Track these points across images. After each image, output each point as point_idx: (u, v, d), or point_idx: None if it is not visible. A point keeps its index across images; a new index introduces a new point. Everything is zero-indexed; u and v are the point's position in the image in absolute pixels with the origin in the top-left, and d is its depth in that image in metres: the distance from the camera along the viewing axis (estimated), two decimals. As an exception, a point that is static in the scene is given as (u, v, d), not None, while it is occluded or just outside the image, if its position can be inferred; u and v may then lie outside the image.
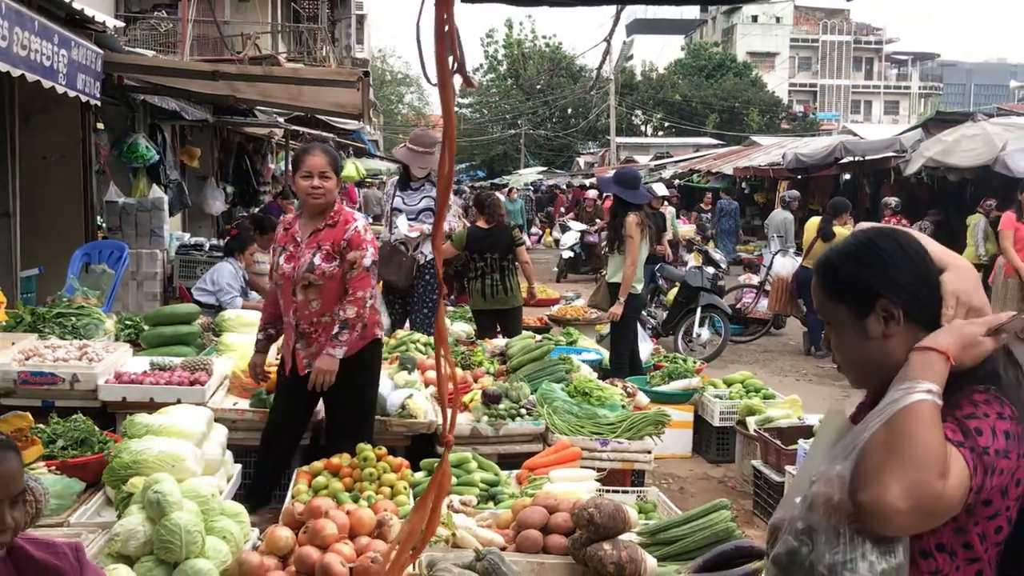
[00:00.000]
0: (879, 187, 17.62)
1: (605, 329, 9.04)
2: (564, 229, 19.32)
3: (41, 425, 4.14)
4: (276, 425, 4.73)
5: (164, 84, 9.24)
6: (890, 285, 1.79)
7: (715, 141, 37.99)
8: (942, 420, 1.63)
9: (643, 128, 51.30)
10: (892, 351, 1.79)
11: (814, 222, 11.09)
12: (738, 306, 12.15)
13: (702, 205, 22.13)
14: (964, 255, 14.70)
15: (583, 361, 6.88)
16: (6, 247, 7.73)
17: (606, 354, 7.80)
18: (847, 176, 19.48)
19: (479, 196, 8.64)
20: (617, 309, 7.57)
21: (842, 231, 10.47)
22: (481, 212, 7.97)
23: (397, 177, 7.87)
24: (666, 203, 16.02)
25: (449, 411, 1.56)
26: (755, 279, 12.92)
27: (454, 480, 4.39)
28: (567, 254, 18.47)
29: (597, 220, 18.91)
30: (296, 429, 4.80)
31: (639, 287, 7.82)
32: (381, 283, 7.69)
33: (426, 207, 7.40)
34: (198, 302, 7.50)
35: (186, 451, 3.73)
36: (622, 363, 7.57)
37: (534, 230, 26.12)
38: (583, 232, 18.62)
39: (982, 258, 13.10)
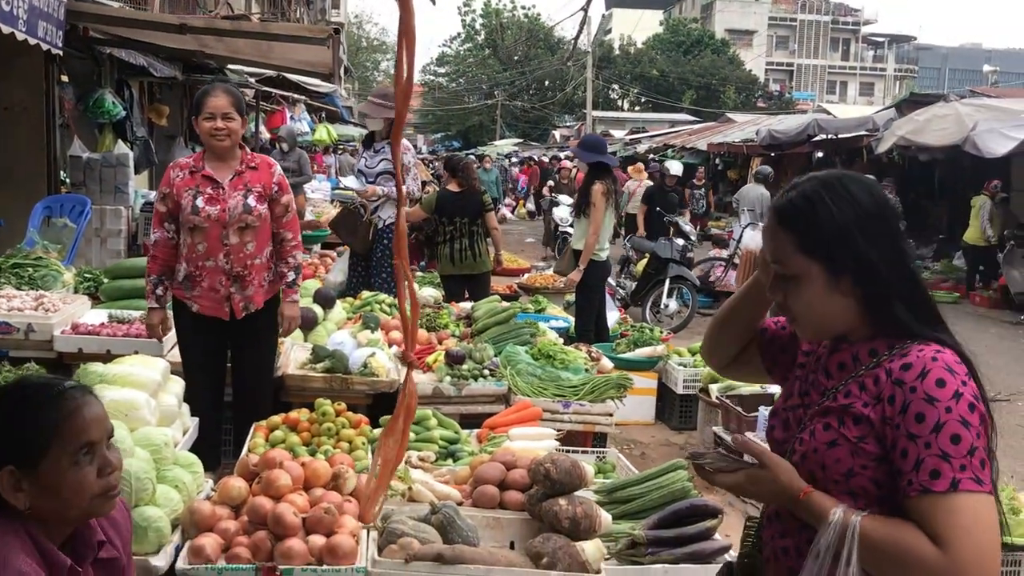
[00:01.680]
0: (851, 165, 17.70)
1: (572, 296, 9.05)
2: (553, 204, 18.04)
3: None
4: (205, 378, 4.61)
5: (130, 37, 9.04)
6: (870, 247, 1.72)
7: (691, 118, 38.00)
8: None
9: (620, 103, 51.21)
10: (852, 307, 1.75)
11: None
12: (710, 279, 12.20)
13: (695, 181, 21.66)
14: (967, 236, 14.76)
15: (550, 328, 6.87)
16: (-36, 197, 7.57)
17: (573, 321, 7.80)
18: (820, 154, 19.59)
19: (451, 159, 8.58)
20: (575, 276, 7.55)
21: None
22: (453, 176, 7.91)
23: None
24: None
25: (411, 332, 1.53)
26: (724, 253, 12.97)
27: (413, 436, 4.37)
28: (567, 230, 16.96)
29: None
30: (220, 376, 4.73)
31: (603, 255, 7.80)
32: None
33: (384, 169, 7.27)
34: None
35: (140, 400, 3.66)
36: (587, 330, 7.57)
37: (507, 201, 25.96)
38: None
39: (991, 239, 13.20)
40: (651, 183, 14.08)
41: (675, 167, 13.56)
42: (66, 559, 1.84)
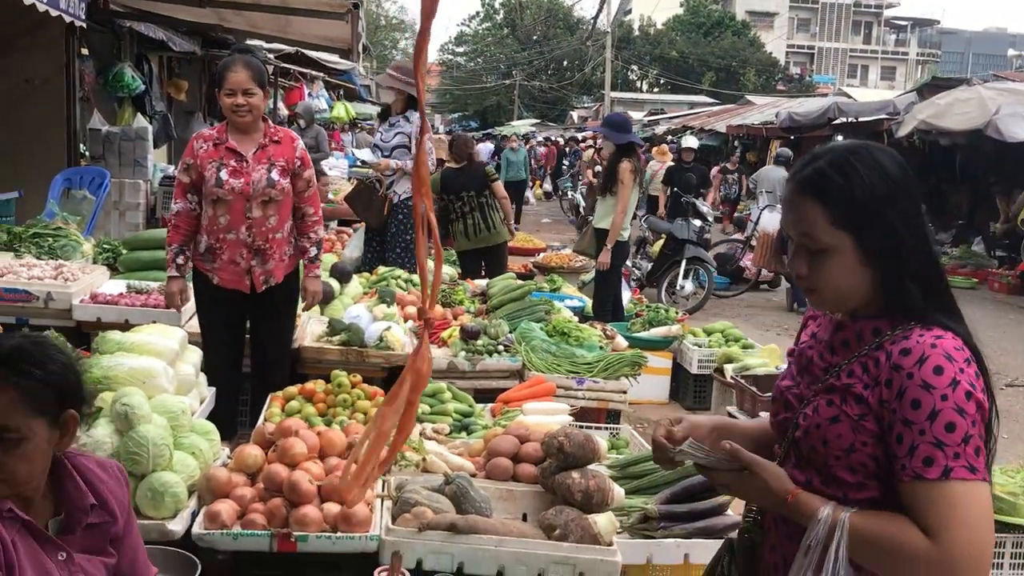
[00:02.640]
0: (871, 149, 17.55)
1: (588, 276, 9.04)
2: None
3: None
4: (222, 349, 4.64)
5: (150, 11, 9.05)
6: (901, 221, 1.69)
7: (710, 100, 37.75)
8: None
9: (639, 84, 50.91)
10: (872, 281, 1.72)
11: None
12: (737, 257, 12.14)
13: (727, 165, 20.84)
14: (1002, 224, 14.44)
15: (566, 307, 6.87)
16: (-16, 165, 7.63)
17: (589, 302, 7.80)
18: (839, 137, 19.37)
19: (453, 139, 8.65)
20: (605, 257, 7.54)
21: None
22: (450, 152, 8.01)
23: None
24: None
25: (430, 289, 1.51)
26: (742, 235, 12.92)
27: (427, 409, 4.39)
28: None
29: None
30: (238, 348, 4.76)
31: (625, 235, 7.80)
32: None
33: (399, 144, 7.24)
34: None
35: (158, 368, 3.69)
36: (605, 311, 7.57)
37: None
38: None
39: None
40: (672, 164, 14.02)
41: (689, 141, 13.42)
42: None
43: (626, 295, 8.32)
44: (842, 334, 1.78)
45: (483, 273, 7.74)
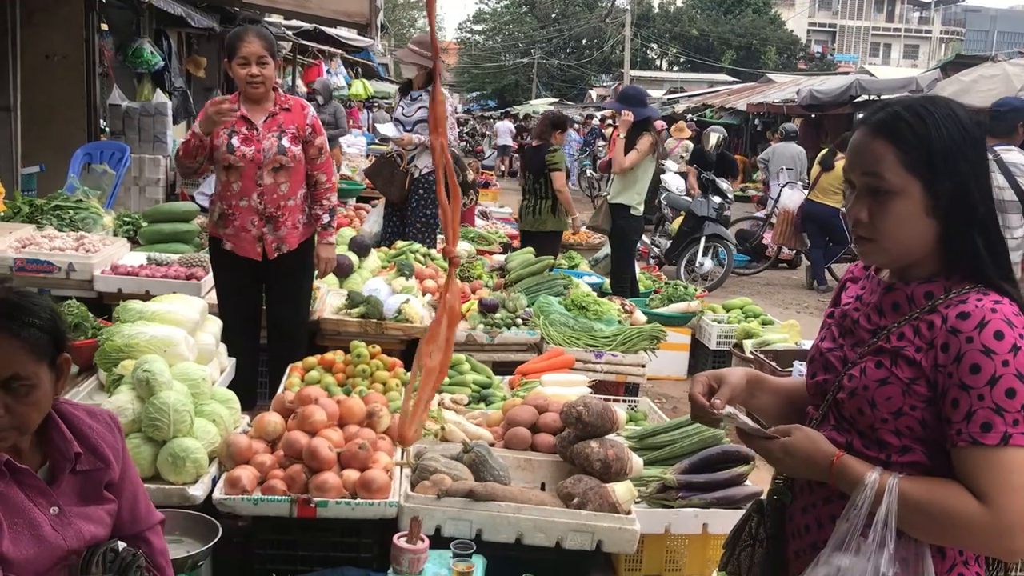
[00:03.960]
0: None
1: (600, 253, 8.99)
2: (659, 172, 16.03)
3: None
4: (239, 318, 4.65)
5: (169, -15, 9.03)
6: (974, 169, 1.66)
7: (730, 78, 37.41)
8: None
9: (658, 62, 50.54)
10: (933, 235, 1.67)
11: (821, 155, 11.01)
12: (757, 235, 12.05)
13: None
14: None
15: (584, 283, 6.86)
16: (6, 142, 7.67)
17: (606, 280, 7.77)
18: (861, 115, 19.19)
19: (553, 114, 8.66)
20: (632, 155, 7.40)
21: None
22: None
23: None
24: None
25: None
26: (761, 213, 12.83)
27: (446, 380, 4.40)
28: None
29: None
30: (255, 317, 4.77)
31: (640, 209, 7.75)
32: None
33: (421, 118, 7.22)
34: (202, 208, 7.45)
35: (178, 337, 3.71)
36: (623, 286, 7.55)
37: None
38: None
39: None
40: (690, 143, 13.89)
41: (712, 139, 13.00)
42: None
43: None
44: (892, 296, 1.74)
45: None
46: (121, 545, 2.09)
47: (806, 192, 11.26)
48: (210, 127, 4.30)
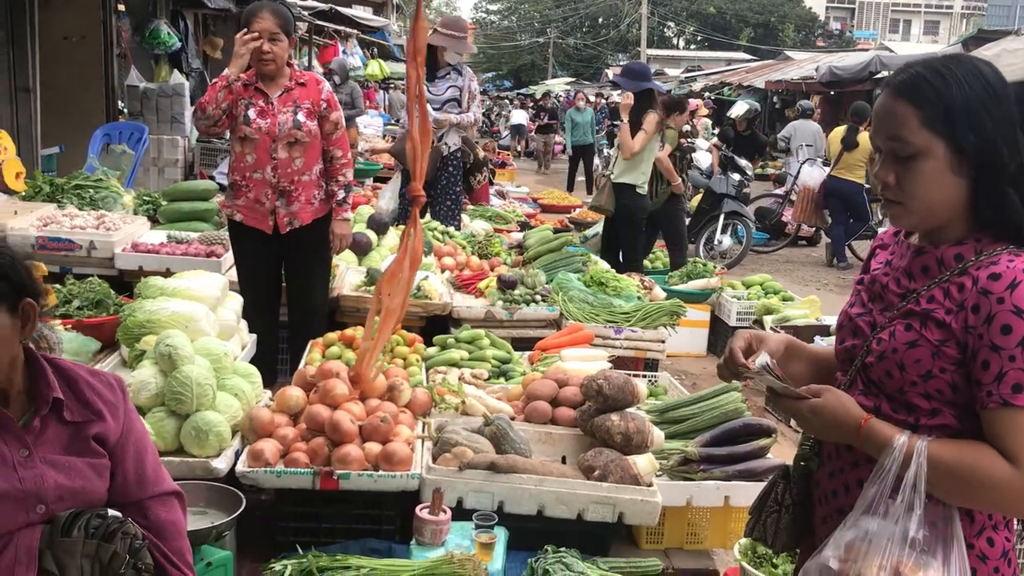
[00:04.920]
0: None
1: (591, 231, 8.91)
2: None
3: (57, 285, 4.16)
4: (257, 295, 4.64)
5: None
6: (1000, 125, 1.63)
7: (748, 56, 37.09)
8: None
9: (675, 40, 50.16)
10: (962, 195, 1.65)
11: (839, 132, 10.88)
12: (777, 212, 11.96)
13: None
14: None
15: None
16: (27, 123, 7.71)
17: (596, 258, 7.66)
18: (874, 106, 18.98)
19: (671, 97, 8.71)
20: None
21: (867, 137, 10.25)
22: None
23: None
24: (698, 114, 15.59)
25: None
26: (780, 190, 12.73)
27: (465, 355, 4.40)
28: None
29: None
30: (274, 294, 4.77)
31: (645, 188, 7.65)
32: (399, 171, 7.64)
33: (451, 97, 7.23)
34: (220, 187, 7.47)
35: (200, 313, 3.73)
36: (636, 260, 7.48)
37: (558, 139, 25.34)
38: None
39: None
40: (708, 121, 13.78)
41: (741, 109, 12.82)
42: None
43: None
44: (922, 259, 1.72)
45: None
46: (110, 512, 2.08)
47: (826, 169, 11.16)
48: (239, 65, 4.34)
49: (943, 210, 1.67)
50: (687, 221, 9.41)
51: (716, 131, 13.46)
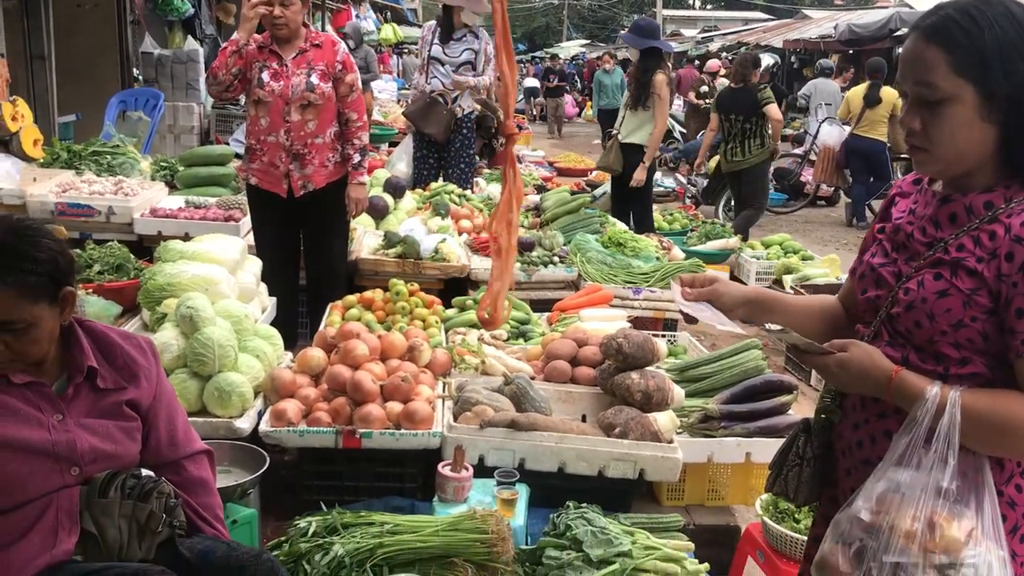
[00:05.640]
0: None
1: (599, 190, 8.86)
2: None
3: (78, 250, 4.19)
4: (275, 259, 4.65)
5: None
6: None
7: (765, 16, 36.56)
8: None
9: (691, 0, 49.50)
10: (991, 141, 1.62)
11: (857, 91, 10.73)
12: (796, 172, 11.85)
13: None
14: None
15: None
16: (43, 90, 7.72)
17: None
18: (901, 50, 18.71)
19: (742, 57, 8.77)
20: (641, 174, 7.26)
21: (890, 92, 10.11)
22: (732, 71, 8.44)
23: (435, 24, 7.56)
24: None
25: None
26: (799, 150, 12.59)
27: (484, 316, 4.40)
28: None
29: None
30: (292, 258, 4.79)
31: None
32: (411, 135, 7.61)
33: (467, 60, 7.17)
34: (237, 154, 7.47)
35: (220, 275, 3.74)
36: (647, 226, 7.44)
37: (568, 99, 25.08)
38: None
39: None
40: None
41: (765, 59, 12.65)
42: None
43: None
44: (949, 208, 1.69)
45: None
46: (144, 472, 2.12)
47: (845, 128, 11.03)
48: (247, 29, 4.34)
49: (970, 157, 1.63)
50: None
51: None
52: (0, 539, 1.95)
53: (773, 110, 8.03)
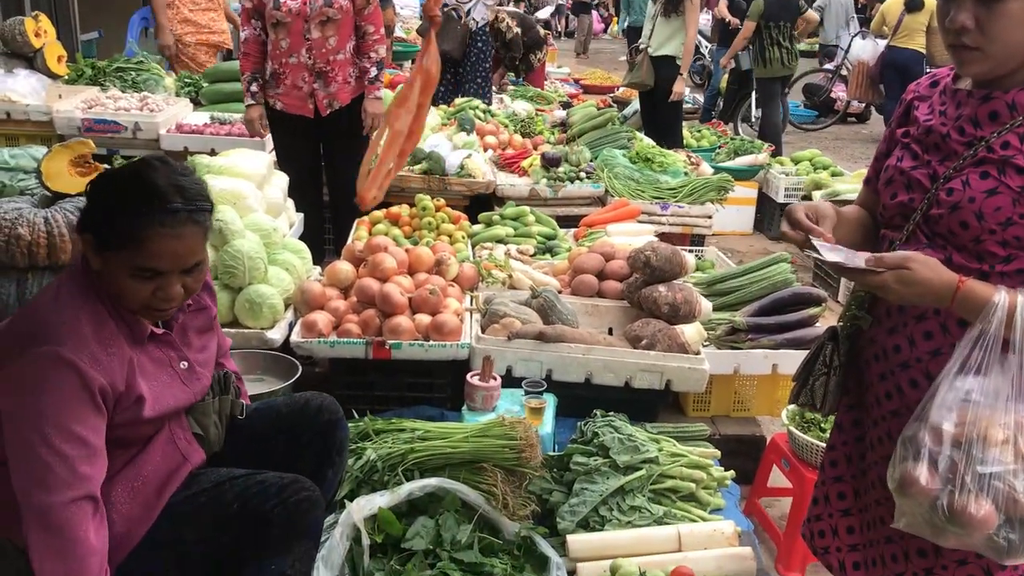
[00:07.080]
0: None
1: (629, 109, 8.72)
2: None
3: (106, 166, 4.19)
4: (301, 177, 4.65)
5: None
6: None
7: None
8: None
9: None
10: None
11: (893, 2, 10.36)
12: (827, 88, 11.57)
13: None
14: None
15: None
16: (64, 7, 7.66)
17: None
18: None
19: None
20: (680, 86, 7.12)
21: (931, -1, 9.78)
22: None
23: None
24: None
25: None
26: (830, 65, 12.26)
27: (511, 231, 4.40)
28: None
29: None
30: (316, 176, 4.80)
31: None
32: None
33: None
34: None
35: (247, 190, 3.74)
36: (676, 143, 7.33)
37: (599, 14, 24.46)
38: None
39: None
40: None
41: None
42: (147, 324, 1.96)
43: None
44: (990, 105, 1.66)
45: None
46: (223, 367, 2.28)
47: (880, 41, 10.68)
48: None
49: (1018, 54, 1.60)
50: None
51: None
52: (135, 470, 2.00)
53: (808, 16, 8.63)
